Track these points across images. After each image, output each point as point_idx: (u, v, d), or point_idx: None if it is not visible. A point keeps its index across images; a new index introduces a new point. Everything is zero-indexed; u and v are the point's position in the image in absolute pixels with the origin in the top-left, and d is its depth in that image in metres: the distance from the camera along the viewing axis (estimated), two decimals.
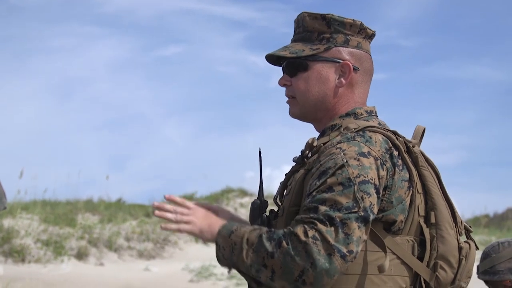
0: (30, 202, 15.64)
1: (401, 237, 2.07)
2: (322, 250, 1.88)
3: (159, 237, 15.59)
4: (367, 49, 2.27)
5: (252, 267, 1.97)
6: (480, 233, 17.95)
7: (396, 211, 2.05)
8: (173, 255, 15.24)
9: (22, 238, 13.37)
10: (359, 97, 2.24)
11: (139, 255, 14.76)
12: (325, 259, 1.88)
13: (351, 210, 1.93)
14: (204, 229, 2.10)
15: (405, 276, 2.07)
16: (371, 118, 2.21)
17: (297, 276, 1.90)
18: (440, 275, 2.08)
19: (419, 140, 2.26)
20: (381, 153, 2.05)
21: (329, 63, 2.21)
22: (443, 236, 2.10)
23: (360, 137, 2.07)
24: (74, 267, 13.17)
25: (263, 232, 1.98)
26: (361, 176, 1.98)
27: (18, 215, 14.27)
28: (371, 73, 2.28)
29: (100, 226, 14.96)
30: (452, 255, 2.10)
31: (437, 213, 2.11)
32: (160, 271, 13.70)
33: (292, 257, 1.89)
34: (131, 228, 15.42)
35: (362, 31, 2.25)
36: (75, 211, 15.58)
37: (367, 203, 1.95)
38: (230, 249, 2.01)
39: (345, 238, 1.90)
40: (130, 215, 16.36)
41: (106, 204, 16.91)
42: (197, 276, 13.41)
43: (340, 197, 1.95)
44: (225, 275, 13.44)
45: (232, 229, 2.04)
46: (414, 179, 2.10)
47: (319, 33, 2.24)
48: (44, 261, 13.07)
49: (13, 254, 12.86)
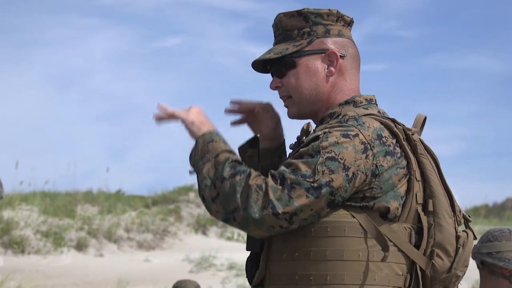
0: (30, 193, 15.64)
1: (398, 225, 2.07)
2: (259, 200, 1.96)
3: (159, 228, 15.61)
4: (349, 36, 2.28)
5: (205, 179, 2.05)
6: (479, 223, 17.97)
7: (387, 197, 2.05)
8: (172, 246, 15.26)
9: (22, 229, 13.39)
10: (351, 84, 2.24)
11: (139, 246, 14.78)
12: (258, 209, 1.95)
13: (305, 178, 1.97)
14: (195, 123, 2.17)
15: (401, 263, 2.07)
16: (371, 106, 2.21)
17: (230, 210, 1.99)
18: (436, 263, 2.08)
19: (419, 129, 2.25)
20: (371, 138, 2.04)
21: (315, 55, 2.22)
22: (440, 224, 2.09)
23: (353, 121, 2.08)
24: (74, 258, 13.19)
25: (233, 159, 2.06)
26: (332, 152, 2.00)
27: (18, 207, 14.28)
28: (358, 59, 2.29)
29: (100, 217, 14.97)
30: (449, 243, 2.10)
31: (435, 201, 2.10)
32: (160, 262, 13.73)
33: (234, 192, 1.98)
34: (131, 219, 15.43)
35: (340, 19, 2.26)
36: (75, 202, 15.59)
37: (326, 178, 1.97)
38: (202, 154, 2.09)
39: (287, 200, 1.96)
40: (129, 206, 16.37)
41: (106, 195, 16.92)
42: (197, 266, 13.44)
43: (302, 164, 2.00)
44: (225, 265, 13.47)
45: (214, 139, 2.12)
46: (413, 166, 2.09)
47: (299, 29, 2.25)
48: (43, 252, 13.09)
49: (13, 246, 12.88)
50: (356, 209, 2.04)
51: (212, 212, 2.04)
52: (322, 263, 2.01)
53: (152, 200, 17.31)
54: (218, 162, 2.05)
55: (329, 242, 2.02)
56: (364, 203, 2.04)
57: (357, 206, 2.04)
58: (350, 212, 2.03)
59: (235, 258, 13.60)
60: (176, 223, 16.25)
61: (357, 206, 2.04)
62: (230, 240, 16.22)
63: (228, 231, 16.67)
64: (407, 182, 2.09)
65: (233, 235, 16.38)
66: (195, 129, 2.15)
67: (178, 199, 17.49)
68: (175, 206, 17.03)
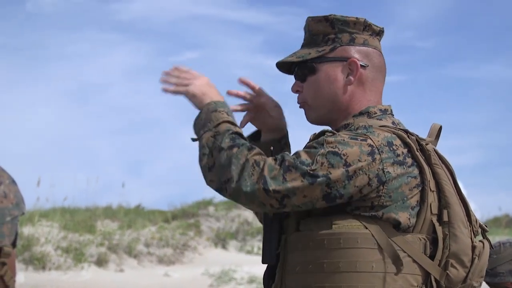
0: (50, 209, 15.69)
1: (413, 235, 2.05)
2: (254, 175, 1.98)
3: (179, 242, 15.60)
4: (375, 45, 2.25)
5: (203, 148, 2.08)
6: (500, 233, 17.81)
7: (395, 208, 2.02)
8: (192, 260, 15.24)
9: (42, 245, 13.41)
10: (371, 95, 2.23)
11: (159, 260, 14.76)
12: (250, 183, 1.97)
13: (303, 164, 1.97)
14: (197, 95, 2.19)
15: (416, 274, 2.04)
16: (385, 116, 2.19)
17: (224, 180, 2.01)
18: (451, 273, 2.05)
19: (435, 138, 2.24)
20: (380, 143, 2.02)
21: (336, 62, 2.21)
22: (456, 235, 2.07)
23: (363, 129, 2.08)
24: (94, 274, 13.19)
25: (234, 130, 2.08)
26: (336, 148, 1.99)
27: (38, 223, 14.33)
28: (382, 69, 2.26)
29: (120, 233, 14.98)
30: (464, 254, 2.07)
31: (450, 211, 2.08)
32: (180, 276, 13.70)
33: (230, 162, 2.00)
34: (151, 234, 15.43)
35: (367, 27, 2.24)
36: (94, 218, 15.62)
37: (324, 171, 1.97)
38: (204, 123, 2.12)
39: (280, 180, 1.96)
40: (149, 221, 16.38)
41: (125, 210, 16.94)
42: (217, 280, 13.40)
43: (304, 153, 2.01)
44: (245, 279, 13.43)
45: (218, 109, 2.14)
46: (427, 177, 2.07)
47: (324, 35, 2.24)
48: (64, 268, 13.10)
49: (34, 262, 12.90)
50: (368, 220, 2.01)
51: (207, 181, 2.07)
52: (335, 275, 2.00)
53: (172, 215, 17.32)
54: (218, 132, 2.07)
55: (342, 253, 2.00)
56: (373, 212, 2.01)
57: (367, 216, 2.01)
58: (363, 223, 2.01)
59: (255, 271, 13.55)
60: (196, 237, 16.23)
61: (367, 216, 2.01)
62: (250, 254, 16.18)
63: (248, 244, 16.63)
64: (420, 192, 2.06)
65: (253, 249, 16.34)
66: (197, 102, 2.18)
67: (197, 213, 17.48)
68: (195, 220, 17.01)
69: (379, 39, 2.28)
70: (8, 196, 1.60)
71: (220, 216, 17.65)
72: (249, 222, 17.59)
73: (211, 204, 18.09)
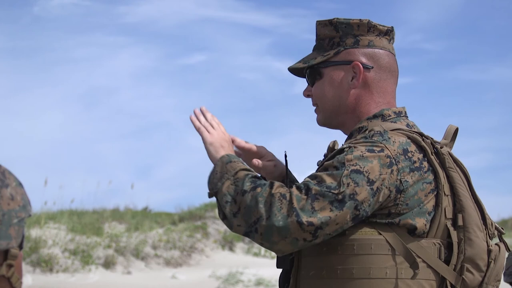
0: (57, 212, 15.74)
1: (427, 240, 2.03)
2: (283, 208, 1.92)
3: (186, 245, 15.61)
4: (383, 46, 2.24)
5: (225, 196, 2.03)
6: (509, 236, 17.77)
7: (412, 214, 2.01)
8: (200, 263, 15.25)
9: (50, 247, 13.45)
10: (379, 97, 2.21)
11: (166, 263, 14.78)
12: (282, 217, 1.91)
13: (330, 189, 1.93)
14: (214, 145, 2.18)
15: (431, 279, 2.03)
16: (400, 119, 2.18)
17: (252, 222, 1.95)
18: (467, 278, 2.04)
19: (451, 140, 2.22)
20: (396, 153, 2.01)
21: (340, 66, 2.21)
22: (471, 239, 2.05)
23: (378, 136, 2.05)
24: (102, 276, 13.22)
25: (252, 175, 2.05)
26: (357, 165, 1.97)
27: (45, 225, 14.36)
28: (392, 69, 2.24)
29: (127, 235, 15.01)
30: (480, 258, 2.05)
31: (465, 215, 2.06)
32: (187, 278, 13.72)
33: (257, 202, 1.95)
34: (158, 236, 15.45)
35: (372, 29, 2.22)
36: (102, 220, 15.65)
37: (350, 191, 1.94)
38: (220, 175, 2.07)
39: (310, 210, 1.92)
40: (156, 223, 16.41)
41: (133, 212, 16.98)
42: (224, 283, 13.40)
43: (327, 176, 1.96)
44: (252, 281, 13.44)
45: (232, 160, 2.11)
46: (441, 181, 2.06)
47: (330, 39, 2.25)
48: (71, 270, 13.13)
49: (41, 264, 12.93)
50: (383, 226, 2.01)
51: (234, 227, 2.01)
52: (349, 281, 1.99)
53: (179, 217, 17.35)
54: (237, 179, 2.03)
55: (356, 260, 1.99)
56: (389, 219, 2.00)
57: (383, 223, 2.01)
58: (377, 229, 2.00)
59: (262, 274, 13.56)
60: (203, 240, 16.25)
61: (383, 223, 2.01)
62: (257, 256, 16.18)
63: (255, 247, 16.63)
64: (435, 197, 2.05)
65: (260, 251, 16.34)
66: (212, 151, 2.16)
67: (204, 216, 17.50)
68: (202, 223, 17.03)
69: (388, 39, 2.26)
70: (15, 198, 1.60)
71: None
72: None
73: None
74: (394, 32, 2.28)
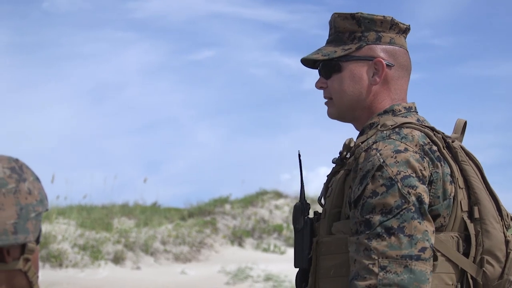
0: (66, 207, 15.77)
1: (445, 234, 2.03)
2: (397, 269, 1.88)
3: (195, 240, 15.62)
4: (402, 44, 2.24)
5: None
6: None
7: (442, 207, 2.01)
8: (209, 258, 15.26)
9: (59, 243, 13.48)
10: (396, 94, 2.21)
11: (175, 258, 14.80)
12: (406, 273, 1.87)
13: (401, 208, 1.91)
14: None
15: (451, 273, 2.02)
16: (410, 114, 2.18)
17: None
18: (487, 270, 2.04)
19: (460, 134, 2.22)
20: (419, 147, 2.01)
21: (362, 61, 2.20)
22: (488, 231, 2.05)
23: (396, 135, 2.04)
24: (111, 271, 13.24)
25: None
26: (401, 173, 1.95)
27: (55, 220, 14.40)
28: (408, 68, 2.25)
29: (136, 230, 15.03)
30: (498, 249, 2.05)
31: (480, 207, 2.06)
32: (196, 274, 13.73)
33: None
34: (167, 231, 15.47)
35: (394, 26, 2.22)
36: (111, 216, 15.67)
37: (415, 196, 1.93)
38: None
39: (409, 240, 1.89)
40: (165, 219, 16.42)
41: (142, 208, 16.99)
42: (233, 278, 13.41)
43: (386, 198, 1.93)
44: (262, 277, 13.44)
45: None
46: (455, 174, 2.06)
47: (351, 33, 2.23)
48: (81, 265, 13.15)
49: (51, 259, 12.96)
50: None
51: None
52: None
53: (188, 212, 17.35)
54: None
55: None
56: None
57: None
58: None
59: (272, 269, 13.56)
60: (212, 235, 16.25)
61: None
62: (266, 252, 16.18)
63: (264, 242, 16.63)
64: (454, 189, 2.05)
65: (269, 247, 16.35)
66: None
67: (214, 211, 17.51)
68: (211, 218, 17.04)
69: (405, 37, 2.26)
70: (32, 192, 1.61)
71: (236, 214, 17.66)
72: (266, 220, 17.59)
73: (227, 202, 18.10)
74: (409, 31, 2.28)
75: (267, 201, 18.58)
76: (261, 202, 18.49)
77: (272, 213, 17.84)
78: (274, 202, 18.54)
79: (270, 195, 18.96)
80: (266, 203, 18.47)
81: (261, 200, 18.60)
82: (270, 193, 19.07)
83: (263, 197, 18.82)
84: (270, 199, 18.72)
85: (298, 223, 2.20)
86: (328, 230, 2.08)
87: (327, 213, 2.11)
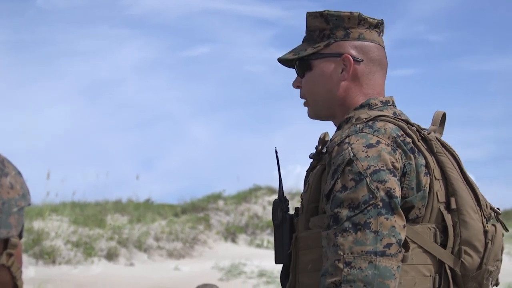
0: (60, 204, 15.76)
1: (422, 225, 2.03)
2: (362, 264, 1.87)
3: (188, 236, 15.63)
4: (373, 38, 2.23)
5: None
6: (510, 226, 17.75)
7: (416, 198, 2.01)
8: (202, 254, 15.27)
9: (52, 239, 13.47)
10: (369, 89, 2.21)
11: (169, 254, 14.81)
12: (370, 269, 1.86)
13: (368, 203, 1.91)
14: None
15: (428, 264, 2.02)
16: (387, 108, 2.18)
17: None
18: (465, 260, 2.04)
19: (439, 126, 2.23)
20: (392, 139, 2.01)
21: (330, 58, 2.20)
22: (465, 221, 2.05)
23: (368, 128, 2.04)
24: (104, 268, 13.24)
25: None
26: (371, 167, 1.95)
27: (48, 217, 14.39)
28: (381, 62, 2.24)
29: (130, 227, 15.03)
30: (477, 240, 2.05)
31: (457, 198, 2.06)
32: (190, 270, 13.74)
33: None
34: (160, 228, 15.47)
35: (362, 21, 2.22)
36: (104, 212, 15.67)
37: (384, 190, 1.93)
38: None
39: (375, 236, 1.89)
40: (159, 215, 16.43)
41: (135, 204, 16.99)
42: (226, 274, 13.43)
43: (354, 193, 1.93)
44: (255, 273, 13.45)
45: None
46: (431, 165, 2.05)
47: (320, 31, 2.24)
48: (74, 262, 13.16)
49: (44, 256, 12.96)
50: None
51: None
52: None
53: (182, 209, 17.36)
54: None
55: None
56: None
57: None
58: None
59: (265, 265, 13.58)
60: (205, 231, 16.27)
61: None
62: (259, 248, 16.20)
63: (257, 238, 16.66)
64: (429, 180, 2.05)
65: (263, 243, 16.37)
66: None
67: (207, 207, 17.52)
68: (205, 214, 17.05)
69: (378, 32, 2.26)
70: (14, 187, 1.60)
71: (229, 210, 17.68)
72: (259, 216, 17.62)
73: (220, 198, 18.11)
74: (384, 25, 2.28)
75: (261, 197, 18.60)
76: (254, 198, 18.51)
77: (265, 209, 17.85)
78: (267, 198, 18.56)
79: (264, 191, 18.98)
80: (259, 199, 18.50)
81: (255, 196, 18.62)
82: (263, 189, 19.09)
83: (257, 193, 18.85)
84: (264, 195, 18.74)
85: (276, 219, 2.21)
86: (306, 225, 2.09)
87: (304, 208, 2.12)
